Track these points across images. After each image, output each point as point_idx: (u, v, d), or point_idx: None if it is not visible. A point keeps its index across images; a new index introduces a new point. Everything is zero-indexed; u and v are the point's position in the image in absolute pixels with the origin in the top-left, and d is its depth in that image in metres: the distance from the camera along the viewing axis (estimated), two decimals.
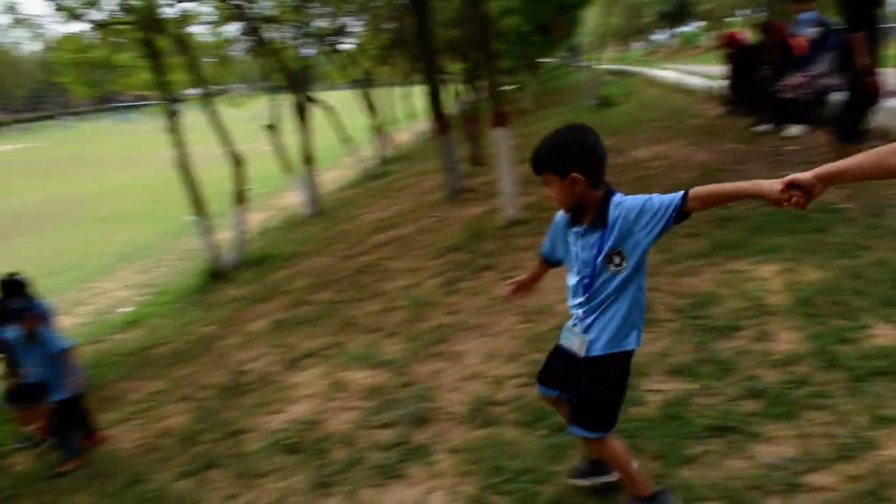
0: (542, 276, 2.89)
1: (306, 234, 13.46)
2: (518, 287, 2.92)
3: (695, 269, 5.24)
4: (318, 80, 23.60)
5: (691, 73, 19.37)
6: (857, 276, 4.42)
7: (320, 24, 19.14)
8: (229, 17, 15.15)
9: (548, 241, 2.73)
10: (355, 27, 21.85)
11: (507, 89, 27.70)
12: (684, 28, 61.37)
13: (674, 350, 4.05)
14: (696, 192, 2.22)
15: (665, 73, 22.92)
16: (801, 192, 1.95)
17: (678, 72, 21.44)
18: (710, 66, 19.77)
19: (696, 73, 18.92)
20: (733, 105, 12.18)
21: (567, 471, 3.08)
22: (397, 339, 5.47)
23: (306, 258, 10.72)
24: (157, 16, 11.22)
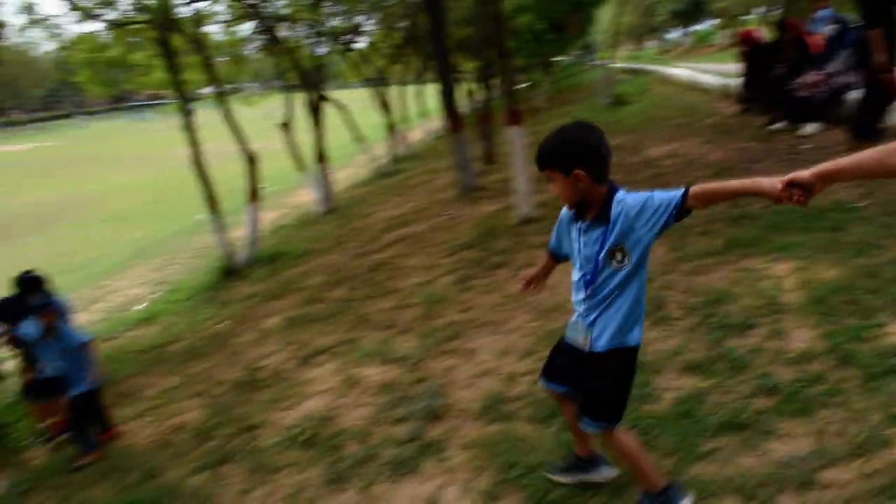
0: (552, 271, 2.92)
1: (319, 232, 13.49)
2: (529, 281, 2.95)
3: (709, 266, 5.23)
4: (331, 79, 23.63)
5: (706, 72, 19.27)
6: (872, 274, 4.40)
7: (334, 22, 19.18)
8: (243, 16, 15.23)
9: (554, 237, 2.77)
10: (369, 26, 21.87)
11: (520, 87, 27.67)
12: (698, 26, 61.07)
13: (687, 347, 4.05)
14: (697, 189, 2.24)
15: (679, 71, 22.81)
16: (801, 190, 1.98)
17: (692, 70, 21.34)
18: (724, 65, 19.68)
19: (710, 72, 18.82)
20: (748, 103, 12.11)
21: (547, 465, 3.12)
22: (410, 336, 5.49)
23: (319, 256, 10.76)
24: (172, 15, 11.28)
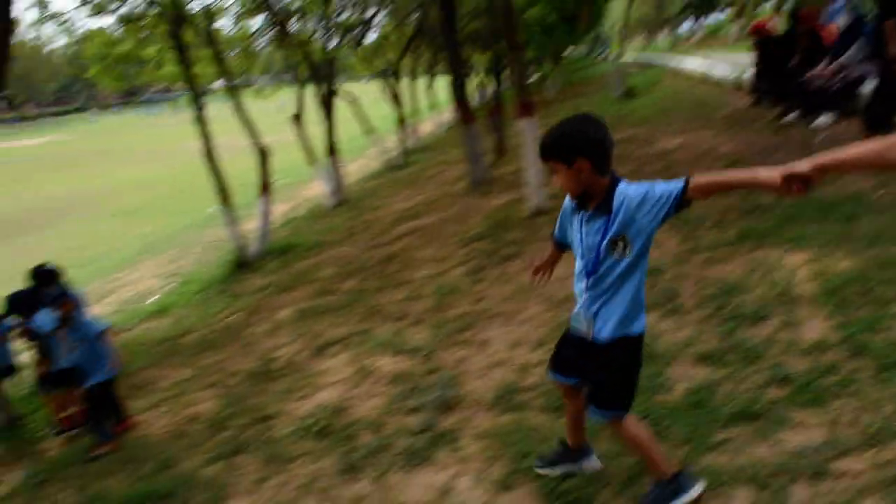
0: (559, 260, 2.95)
1: (331, 224, 13.53)
2: (537, 270, 2.99)
3: (721, 257, 5.21)
4: (342, 72, 23.63)
5: (718, 63, 19.12)
6: (885, 265, 4.37)
7: (345, 15, 19.18)
8: (254, 10, 15.25)
9: (558, 226, 2.80)
10: (379, 18, 21.86)
11: (531, 80, 27.58)
12: (711, 18, 60.58)
13: (700, 338, 4.05)
14: (697, 181, 2.26)
15: (691, 63, 22.63)
16: (799, 182, 1.99)
17: (705, 62, 21.18)
18: (737, 56, 19.54)
19: (723, 64, 18.68)
20: (761, 95, 12.02)
21: (535, 459, 3.14)
22: (423, 327, 5.51)
23: (331, 248, 10.79)
24: (184, 9, 11.32)
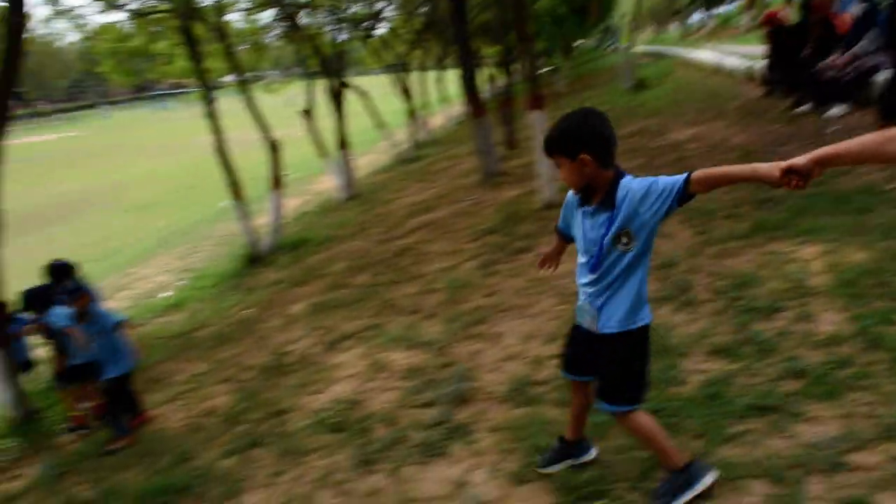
0: (564, 250, 2.98)
1: (342, 218, 13.57)
2: (544, 260, 3.03)
3: (735, 250, 5.20)
4: (352, 66, 23.66)
5: (730, 54, 18.99)
6: None
7: (354, 9, 19.18)
8: (264, 4, 15.27)
9: (562, 217, 2.83)
10: (389, 11, 21.84)
11: (541, 72, 27.49)
12: (722, 8, 60.16)
13: (714, 330, 4.04)
14: (699, 175, 2.29)
15: (702, 54, 22.46)
16: (798, 176, 2.01)
17: (716, 53, 21.04)
18: (749, 47, 19.41)
19: (734, 54, 18.55)
20: (773, 86, 11.92)
21: (537, 459, 3.16)
22: (436, 321, 5.53)
23: (343, 242, 10.83)
24: (194, 4, 11.35)
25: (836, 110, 8.86)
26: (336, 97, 16.59)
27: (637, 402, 2.63)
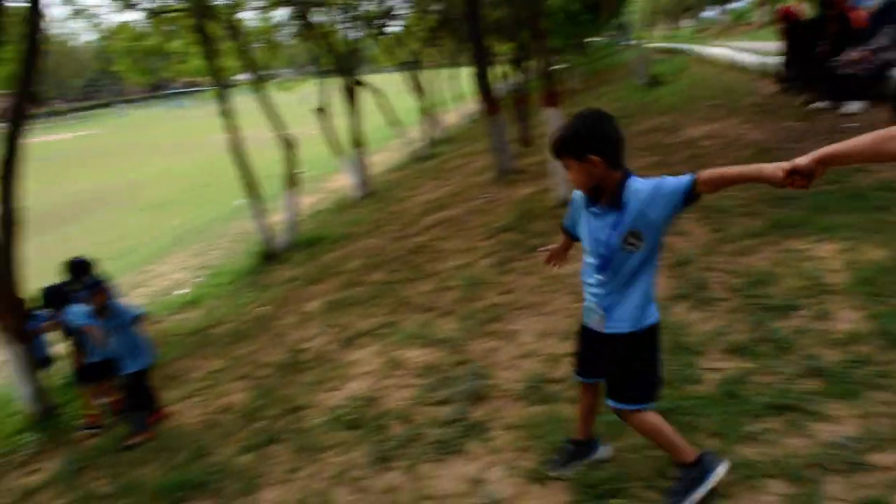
0: (570, 247, 3.03)
1: (357, 216, 13.60)
2: (550, 256, 3.08)
3: (751, 247, 5.17)
4: (365, 63, 23.70)
5: (744, 50, 18.89)
6: None
7: (368, 6, 19.20)
8: (278, 2, 15.32)
9: (569, 216, 2.87)
10: (402, 9, 21.86)
11: (555, 69, 27.45)
12: (736, 4, 59.78)
13: (730, 329, 4.03)
14: (704, 175, 2.31)
15: (717, 50, 22.36)
16: (801, 176, 2.03)
17: (730, 49, 20.93)
18: (763, 43, 19.29)
19: (749, 50, 18.46)
20: (789, 82, 11.86)
21: (547, 464, 3.16)
22: (451, 319, 5.53)
23: (358, 240, 10.85)
24: (209, 2, 11.40)
25: (853, 106, 8.80)
26: (350, 95, 16.62)
27: (647, 401, 2.64)
